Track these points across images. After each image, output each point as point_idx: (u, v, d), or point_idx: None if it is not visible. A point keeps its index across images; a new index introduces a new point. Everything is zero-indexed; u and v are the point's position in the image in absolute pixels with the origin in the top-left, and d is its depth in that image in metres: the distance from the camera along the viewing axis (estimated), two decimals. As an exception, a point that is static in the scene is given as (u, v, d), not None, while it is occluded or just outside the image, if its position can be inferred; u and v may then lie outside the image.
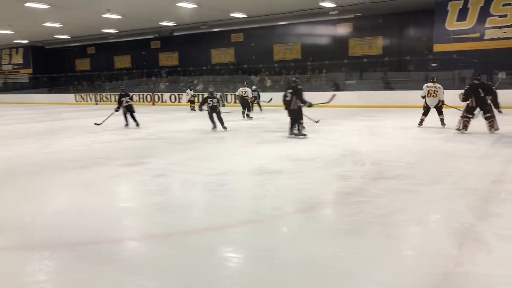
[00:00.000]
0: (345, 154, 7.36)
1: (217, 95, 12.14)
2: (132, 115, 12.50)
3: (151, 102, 26.23)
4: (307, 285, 2.74)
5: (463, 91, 9.45)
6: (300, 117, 9.28)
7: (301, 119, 9.34)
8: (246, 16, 22.19)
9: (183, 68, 28.49)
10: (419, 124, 10.91)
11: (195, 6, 19.00)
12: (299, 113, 9.27)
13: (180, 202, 4.81)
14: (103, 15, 20.98)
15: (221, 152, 8.15)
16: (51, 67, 34.18)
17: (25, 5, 18.11)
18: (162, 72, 29.42)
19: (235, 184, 5.57)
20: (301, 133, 9.31)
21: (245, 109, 15.06)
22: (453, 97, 10.72)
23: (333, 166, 6.44)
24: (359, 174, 5.80)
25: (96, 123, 12.23)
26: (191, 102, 19.62)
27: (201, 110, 11.42)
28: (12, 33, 26.99)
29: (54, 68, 34.27)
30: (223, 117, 11.21)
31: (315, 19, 22.51)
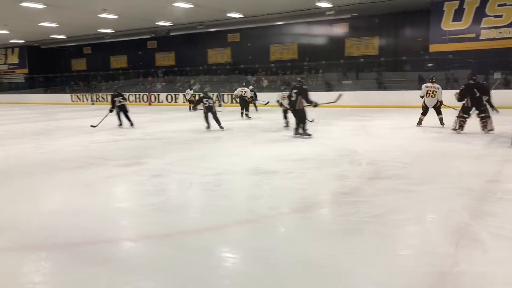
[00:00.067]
0: (341, 154, 7.37)
1: (212, 95, 12.24)
2: (126, 115, 12.54)
3: (148, 102, 26.18)
4: (303, 285, 2.75)
5: (458, 91, 9.49)
6: (305, 117, 9.30)
7: (306, 119, 9.36)
8: (242, 16, 22.19)
9: (180, 68, 28.46)
10: (418, 123, 10.95)
11: (192, 6, 18.99)
12: (304, 113, 9.30)
13: (177, 202, 4.81)
14: (99, 15, 20.92)
15: (218, 152, 8.15)
16: (47, 67, 34.04)
17: (21, 4, 18.03)
18: (158, 72, 29.38)
19: (232, 184, 5.57)
20: (306, 133, 9.32)
21: (244, 109, 15.20)
22: (451, 97, 10.75)
23: (329, 166, 6.45)
24: (355, 174, 5.81)
25: (92, 125, 12.20)
26: (191, 102, 19.62)
27: (195, 109, 11.54)
28: (7, 32, 26.88)
29: (50, 68, 34.14)
30: (219, 117, 11.31)
31: (311, 19, 22.55)
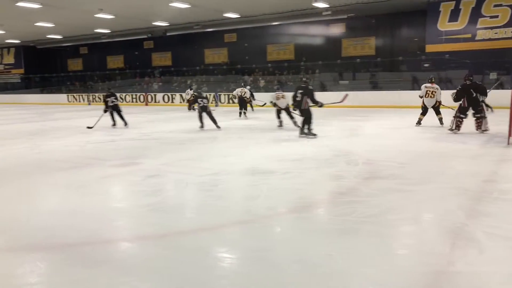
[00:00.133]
0: (338, 154, 7.38)
1: (209, 96, 12.46)
2: (119, 114, 12.60)
3: (144, 102, 26.14)
4: (300, 285, 2.75)
5: (455, 91, 9.52)
6: (310, 117, 9.33)
7: (311, 119, 9.38)
8: (239, 16, 22.18)
9: (176, 68, 28.43)
10: (417, 123, 11.01)
11: (188, 6, 18.97)
12: (310, 113, 9.33)
13: (173, 202, 4.80)
14: (96, 15, 20.86)
15: (214, 152, 8.14)
16: (43, 67, 33.88)
17: (17, 4, 17.95)
18: (155, 72, 29.32)
19: (228, 184, 5.57)
20: (311, 133, 9.35)
21: (242, 109, 15.47)
22: (445, 97, 10.79)
23: (326, 166, 6.46)
24: (352, 174, 5.82)
25: (88, 127, 12.17)
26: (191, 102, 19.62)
27: (190, 109, 11.74)
28: (3, 32, 26.77)
29: (46, 68, 33.99)
30: (215, 117, 11.41)
31: (308, 20, 22.53)
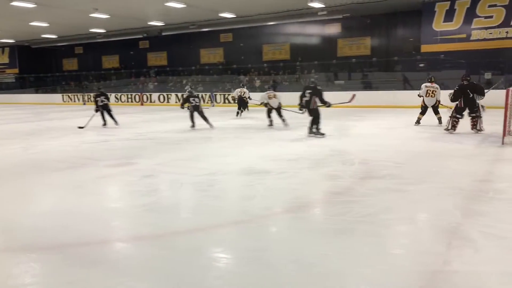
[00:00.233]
0: (334, 154, 7.39)
1: (205, 96, 12.66)
2: (109, 114, 12.65)
3: (140, 102, 26.05)
4: (297, 285, 2.74)
5: (452, 91, 9.55)
6: (318, 116, 9.40)
7: (320, 119, 9.44)
8: (235, 16, 22.15)
9: (172, 68, 28.34)
10: (416, 122, 11.05)
11: (184, 6, 18.93)
12: (318, 113, 9.41)
13: (169, 202, 4.78)
14: (91, 15, 20.75)
15: (210, 152, 8.12)
16: (38, 67, 33.64)
17: (11, 4, 17.83)
18: (150, 72, 29.22)
19: (224, 184, 5.55)
20: (319, 133, 9.39)
21: (241, 109, 15.72)
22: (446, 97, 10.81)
23: (321, 165, 6.46)
24: (347, 173, 5.83)
25: (79, 127, 12.12)
26: None
27: (183, 108, 11.96)
28: (-3, 32, 26.63)
29: (41, 68, 33.75)
30: (207, 116, 11.56)
31: (303, 20, 22.55)
